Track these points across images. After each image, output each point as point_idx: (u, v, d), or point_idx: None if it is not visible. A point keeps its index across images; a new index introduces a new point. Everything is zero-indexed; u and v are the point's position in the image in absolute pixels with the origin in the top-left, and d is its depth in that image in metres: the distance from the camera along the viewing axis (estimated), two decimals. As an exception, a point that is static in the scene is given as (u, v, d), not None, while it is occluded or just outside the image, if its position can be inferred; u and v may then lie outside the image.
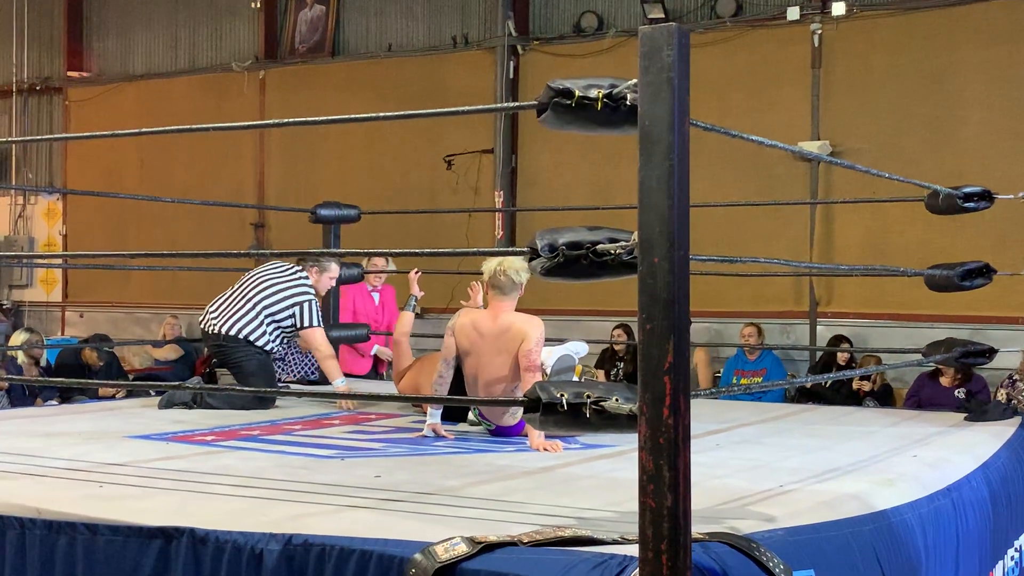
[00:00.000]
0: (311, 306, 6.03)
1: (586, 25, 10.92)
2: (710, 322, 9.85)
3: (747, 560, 2.64)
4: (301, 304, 6.02)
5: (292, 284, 6.08)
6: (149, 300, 13.13)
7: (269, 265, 6.28)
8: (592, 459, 4.33)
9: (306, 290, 6.08)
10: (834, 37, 9.78)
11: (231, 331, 6.00)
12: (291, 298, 6.04)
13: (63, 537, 3.19)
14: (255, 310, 6.02)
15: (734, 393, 6.77)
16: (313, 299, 6.07)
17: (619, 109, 2.66)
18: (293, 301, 6.03)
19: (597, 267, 2.73)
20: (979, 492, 4.06)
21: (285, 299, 6.03)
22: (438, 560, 2.64)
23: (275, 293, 6.05)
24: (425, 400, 5.20)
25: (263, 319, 6.02)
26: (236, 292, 6.14)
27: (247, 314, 6.02)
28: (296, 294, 6.05)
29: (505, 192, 11.03)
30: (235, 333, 6.00)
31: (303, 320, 6.01)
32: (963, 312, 8.79)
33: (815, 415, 6.21)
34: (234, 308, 6.06)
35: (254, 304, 6.03)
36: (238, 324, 6.01)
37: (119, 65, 13.91)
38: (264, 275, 6.15)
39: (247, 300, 6.05)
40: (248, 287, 6.11)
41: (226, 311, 6.08)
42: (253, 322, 6.01)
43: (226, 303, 6.12)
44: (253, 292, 6.07)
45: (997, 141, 9.14)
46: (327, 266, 6.22)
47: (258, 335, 6.02)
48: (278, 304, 6.03)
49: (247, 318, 6.01)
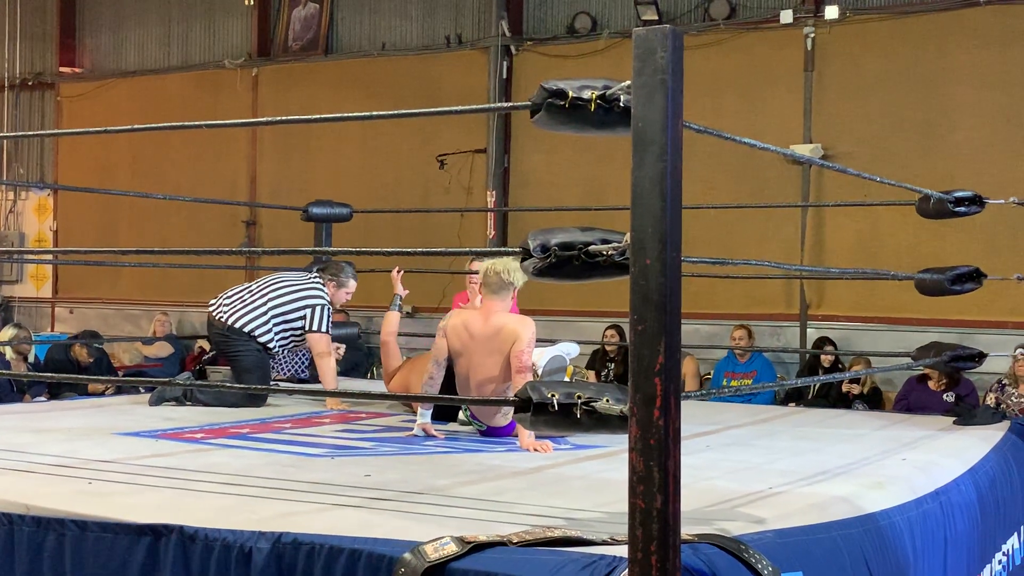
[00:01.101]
0: (323, 311, 6.04)
1: (580, 26, 10.92)
2: (701, 324, 9.86)
3: (736, 562, 2.65)
4: (314, 307, 6.04)
5: (307, 288, 6.13)
6: (140, 296, 13.10)
7: (291, 271, 6.36)
8: (582, 460, 4.33)
9: (320, 295, 6.10)
10: (827, 40, 9.80)
11: (236, 324, 6.03)
12: (304, 299, 6.07)
13: (51, 534, 3.18)
14: (264, 307, 6.06)
15: (724, 395, 6.78)
16: (326, 305, 6.08)
17: (612, 110, 2.66)
18: (306, 303, 6.05)
19: (589, 268, 2.74)
20: (967, 496, 4.08)
21: (298, 300, 6.07)
22: (427, 560, 2.64)
23: (289, 294, 6.09)
24: (418, 399, 5.19)
25: (270, 318, 6.05)
26: (251, 289, 6.20)
27: (255, 310, 6.06)
28: (309, 296, 6.08)
29: (497, 192, 11.03)
30: (240, 326, 6.03)
31: (312, 323, 6.02)
32: (953, 316, 8.81)
33: (805, 417, 6.22)
34: (245, 303, 6.11)
35: (265, 302, 6.07)
36: (245, 318, 6.04)
37: (112, 61, 13.87)
38: (283, 279, 6.22)
39: (260, 297, 6.10)
40: (265, 287, 6.16)
41: (236, 304, 6.12)
42: (259, 319, 6.04)
43: (238, 297, 6.17)
44: (267, 291, 6.12)
45: (988, 146, 9.16)
46: (345, 282, 6.24)
47: (261, 332, 6.04)
48: (290, 304, 6.06)
49: (254, 314, 6.05)
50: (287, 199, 11.10)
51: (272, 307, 6.04)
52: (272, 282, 6.17)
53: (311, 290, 6.11)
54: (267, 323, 6.03)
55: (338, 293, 6.22)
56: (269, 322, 6.03)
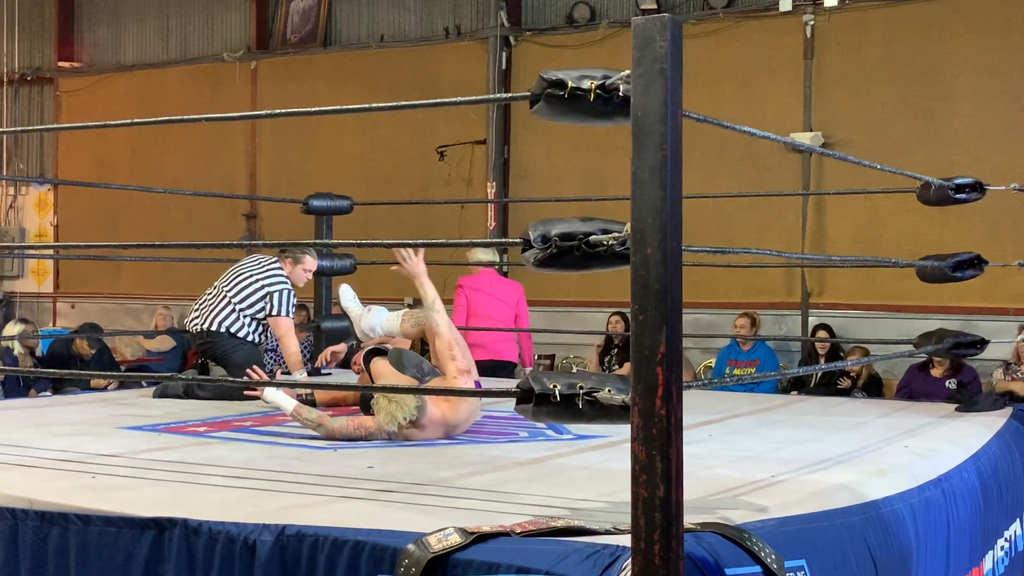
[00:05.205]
0: (282, 296, 6.07)
1: (578, 16, 10.91)
2: (702, 313, 9.86)
3: (739, 550, 2.65)
4: (271, 293, 6.08)
5: (265, 275, 6.14)
6: (141, 291, 13.11)
7: (248, 259, 6.36)
8: (584, 450, 4.34)
9: (279, 279, 6.13)
10: (826, 28, 9.78)
11: (211, 327, 6.08)
12: (263, 288, 6.10)
13: (56, 528, 3.19)
14: (229, 305, 6.10)
15: (726, 384, 6.78)
16: (285, 289, 6.11)
17: (612, 100, 2.65)
18: (265, 291, 6.09)
19: (590, 258, 2.73)
20: (970, 483, 4.08)
21: (257, 290, 6.10)
22: (431, 550, 2.65)
23: (248, 286, 6.11)
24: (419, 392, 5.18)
25: (238, 313, 6.09)
26: (214, 289, 6.23)
27: (223, 309, 6.10)
28: (268, 283, 6.11)
29: (498, 183, 11.02)
30: (216, 328, 6.07)
31: (272, 308, 6.07)
32: (954, 303, 8.82)
33: (807, 406, 6.22)
34: (212, 305, 6.15)
35: (228, 299, 6.11)
36: (217, 319, 6.08)
37: (110, 55, 13.86)
38: (240, 270, 6.23)
39: (222, 296, 6.14)
40: (224, 283, 6.19)
41: (205, 309, 6.17)
42: (230, 316, 6.08)
43: (205, 302, 6.22)
44: (227, 287, 6.15)
45: (988, 132, 9.15)
46: (300, 258, 6.25)
47: (237, 327, 6.08)
48: (250, 296, 6.09)
49: (224, 312, 6.09)
50: (287, 192, 11.10)
51: (236, 301, 6.08)
52: (230, 276, 6.18)
53: (270, 276, 6.12)
54: (238, 317, 6.07)
55: (295, 270, 6.23)
56: (239, 316, 6.07)
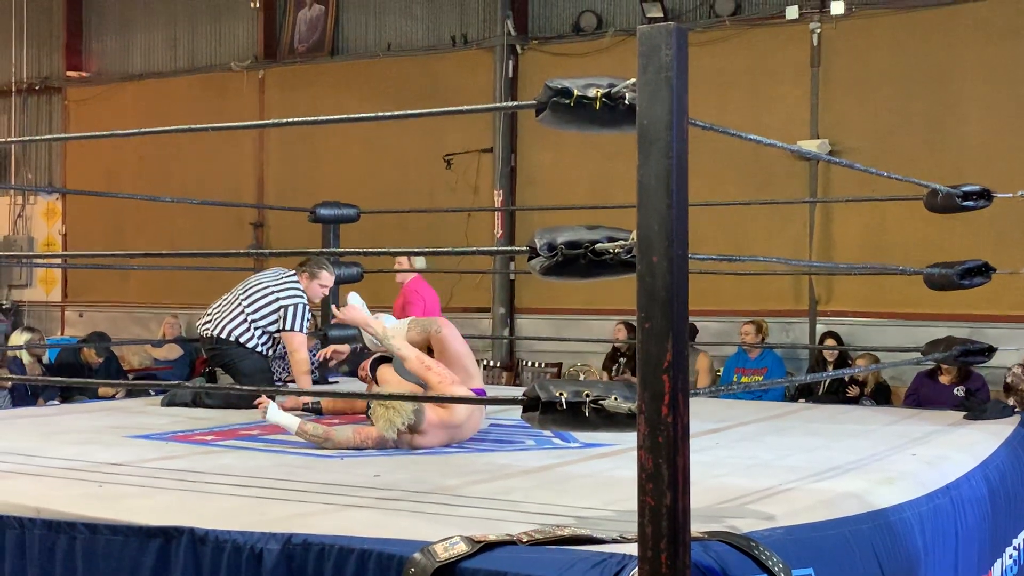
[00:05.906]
0: (296, 310, 6.07)
1: (585, 24, 10.92)
2: (710, 321, 9.85)
3: (746, 559, 2.64)
4: (286, 307, 6.07)
5: (281, 288, 6.15)
6: (148, 299, 13.13)
7: (267, 271, 6.36)
8: (591, 458, 4.33)
9: (295, 294, 6.12)
10: (833, 36, 9.78)
11: (222, 334, 6.09)
12: (277, 301, 6.10)
13: (63, 537, 3.19)
14: (242, 315, 6.10)
15: (733, 392, 6.76)
16: (300, 304, 6.11)
17: (618, 108, 2.66)
18: (279, 305, 6.09)
19: (596, 266, 2.73)
20: (978, 491, 4.06)
21: (271, 303, 6.11)
22: (437, 559, 2.64)
23: (262, 298, 6.12)
24: (428, 400, 5.18)
25: (249, 323, 6.09)
26: (230, 297, 6.23)
27: (235, 318, 6.10)
28: (284, 298, 6.11)
29: (504, 191, 11.03)
30: (226, 336, 6.08)
31: (285, 322, 6.07)
32: (962, 311, 8.79)
33: (815, 413, 6.21)
34: (225, 312, 6.15)
35: (242, 309, 6.12)
36: (228, 327, 6.08)
37: (118, 65, 13.90)
38: (257, 280, 6.23)
39: (236, 305, 6.14)
40: (240, 292, 6.19)
41: (217, 316, 6.17)
42: (241, 326, 6.08)
43: (219, 308, 6.22)
44: (242, 297, 6.15)
45: (996, 139, 9.14)
46: (318, 273, 6.26)
47: (247, 338, 6.08)
48: (264, 308, 6.10)
49: (235, 322, 6.09)
50: (294, 200, 11.10)
51: (249, 312, 6.09)
52: (248, 287, 6.19)
53: (286, 290, 6.13)
54: (248, 328, 6.08)
55: (311, 285, 6.25)
56: (250, 327, 6.08)
